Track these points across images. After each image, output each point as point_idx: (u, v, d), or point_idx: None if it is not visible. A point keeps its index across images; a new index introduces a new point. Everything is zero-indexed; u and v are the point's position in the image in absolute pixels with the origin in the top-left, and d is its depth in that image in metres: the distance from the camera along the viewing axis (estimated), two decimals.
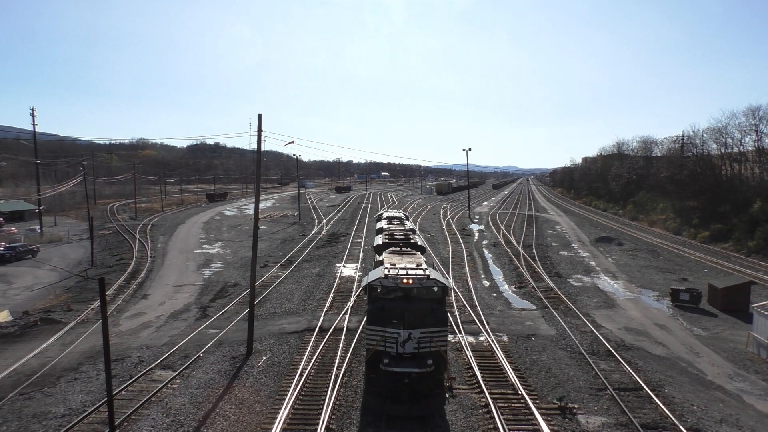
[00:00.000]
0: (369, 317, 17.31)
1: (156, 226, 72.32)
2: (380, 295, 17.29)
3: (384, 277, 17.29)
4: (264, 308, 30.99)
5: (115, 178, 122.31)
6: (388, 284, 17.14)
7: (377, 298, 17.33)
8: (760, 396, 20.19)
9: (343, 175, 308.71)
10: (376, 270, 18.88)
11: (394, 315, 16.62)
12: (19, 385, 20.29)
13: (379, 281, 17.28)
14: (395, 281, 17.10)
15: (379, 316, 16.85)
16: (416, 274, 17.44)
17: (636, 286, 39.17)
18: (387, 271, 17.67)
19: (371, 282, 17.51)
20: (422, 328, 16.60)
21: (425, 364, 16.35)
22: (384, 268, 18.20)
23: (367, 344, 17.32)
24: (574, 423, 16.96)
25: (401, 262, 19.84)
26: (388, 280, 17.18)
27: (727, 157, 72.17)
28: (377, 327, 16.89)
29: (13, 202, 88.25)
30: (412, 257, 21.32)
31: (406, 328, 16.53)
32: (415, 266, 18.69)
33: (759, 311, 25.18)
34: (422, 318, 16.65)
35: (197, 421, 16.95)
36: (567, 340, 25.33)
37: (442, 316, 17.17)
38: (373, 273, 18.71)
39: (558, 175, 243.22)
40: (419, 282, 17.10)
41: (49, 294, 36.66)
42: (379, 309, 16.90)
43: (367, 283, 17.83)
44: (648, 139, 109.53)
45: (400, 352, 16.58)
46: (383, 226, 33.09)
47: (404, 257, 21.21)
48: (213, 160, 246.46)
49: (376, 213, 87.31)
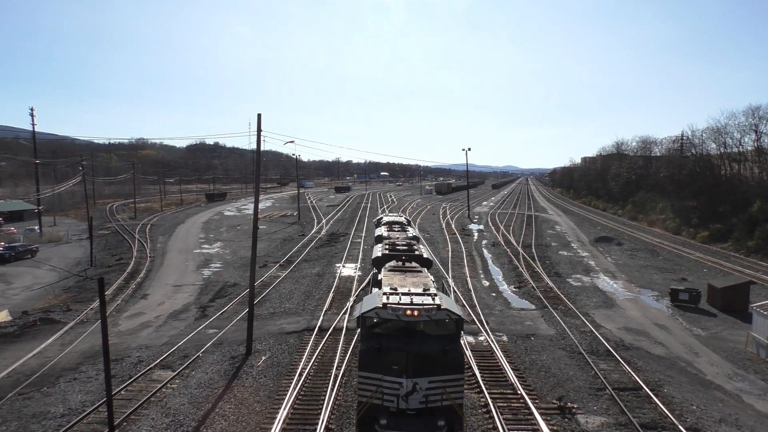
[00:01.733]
0: (362, 360, 13.75)
1: (155, 226, 72.29)
2: (377, 330, 14.01)
3: (382, 306, 13.78)
4: (263, 308, 30.99)
5: (114, 178, 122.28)
6: (387, 316, 13.69)
7: (373, 334, 13.96)
8: (760, 396, 20.21)
9: (342, 175, 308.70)
10: (372, 296, 15.36)
11: (394, 358, 13.24)
12: (18, 385, 20.28)
13: (376, 312, 13.76)
14: (396, 312, 13.62)
15: (375, 359, 13.38)
16: (423, 303, 14.00)
17: (635, 286, 39.20)
18: (386, 298, 14.30)
19: (365, 313, 13.92)
20: (431, 376, 13.18)
21: (435, 425, 12.94)
22: (382, 293, 14.82)
23: (359, 396, 13.73)
24: (574, 423, 16.97)
25: (404, 283, 16.66)
26: (387, 310, 13.68)
27: (726, 157, 72.26)
28: (372, 374, 13.36)
29: (12, 202, 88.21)
30: (417, 276, 18.00)
31: (410, 376, 13.12)
32: (422, 290, 15.21)
33: (758, 311, 25.20)
34: (431, 362, 13.25)
35: (197, 421, 16.94)
36: (566, 339, 25.34)
37: (458, 360, 13.60)
38: (367, 300, 15.16)
39: (557, 175, 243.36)
40: (427, 313, 13.65)
41: (48, 294, 36.63)
42: (374, 350, 13.45)
43: (360, 314, 14.07)
44: (647, 139, 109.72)
45: (402, 407, 13.17)
46: (382, 234, 29.09)
47: (407, 276, 17.86)
48: (212, 159, 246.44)
49: (375, 213, 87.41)
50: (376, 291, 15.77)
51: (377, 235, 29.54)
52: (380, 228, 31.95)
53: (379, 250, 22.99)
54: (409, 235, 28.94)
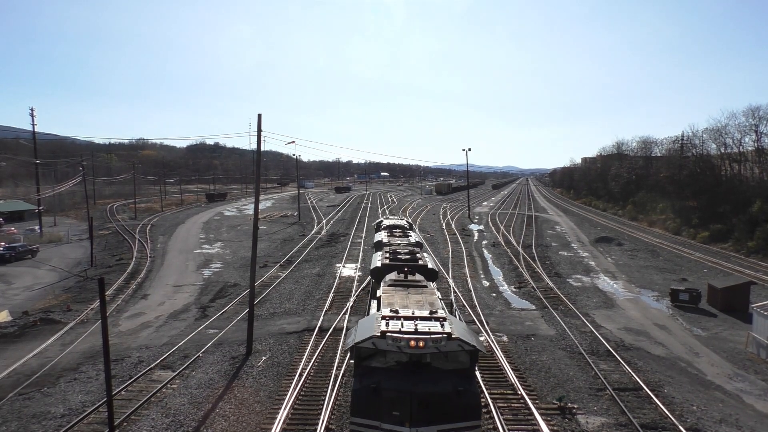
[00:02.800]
0: (355, 403, 11.61)
1: (155, 226, 72.30)
2: (374, 363, 11.78)
3: (380, 335, 11.54)
4: (264, 308, 30.99)
5: (114, 178, 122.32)
6: (386, 347, 11.51)
7: (369, 369, 11.76)
8: (760, 396, 20.20)
9: (342, 175, 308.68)
10: (368, 320, 13.10)
11: (394, 401, 10.96)
12: (18, 385, 20.28)
13: (373, 342, 11.57)
14: (397, 343, 11.41)
15: (371, 401, 11.18)
16: (430, 331, 11.76)
17: (635, 286, 39.18)
18: (385, 324, 12.14)
19: (360, 343, 11.71)
20: (440, 424, 10.91)
21: None
22: (380, 317, 12.69)
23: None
24: (574, 423, 16.96)
25: (406, 302, 14.53)
26: (386, 340, 11.47)
27: (726, 157, 72.24)
28: (367, 421, 11.21)
29: (12, 202, 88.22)
30: (422, 292, 15.71)
31: (414, 425, 10.86)
32: (428, 313, 13.00)
33: (758, 311, 25.19)
34: (441, 406, 10.93)
35: (197, 421, 16.94)
36: (566, 340, 25.33)
37: (473, 403, 11.35)
38: (363, 324, 12.89)
39: (558, 176, 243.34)
40: (435, 344, 11.38)
41: (48, 294, 36.64)
42: (370, 390, 11.25)
43: (353, 344, 11.88)
44: (648, 140, 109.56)
45: None
46: (382, 239, 26.91)
47: (411, 293, 15.70)
48: (213, 160, 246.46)
49: (375, 213, 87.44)
50: (374, 313, 13.62)
51: (377, 241, 27.41)
52: (380, 233, 29.96)
53: (378, 260, 20.80)
54: (411, 240, 26.99)
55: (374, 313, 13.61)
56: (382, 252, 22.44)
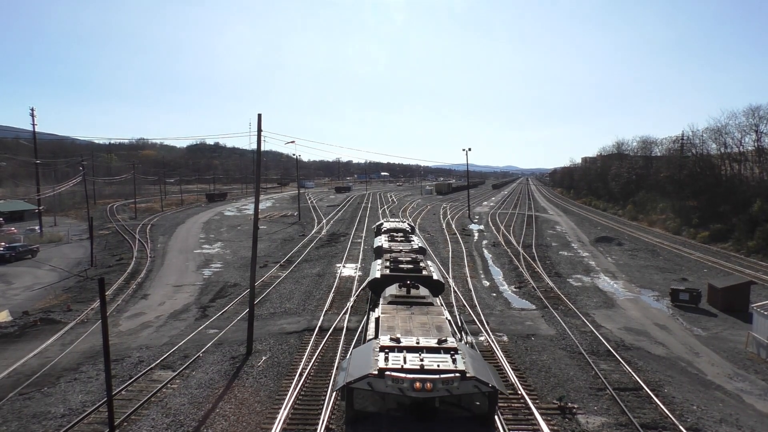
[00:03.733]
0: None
1: (156, 226, 72.31)
2: (370, 408, 9.63)
3: (377, 373, 9.36)
4: (264, 308, 30.99)
5: (114, 178, 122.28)
6: (385, 389, 9.31)
7: (363, 414, 9.64)
8: (760, 396, 20.20)
9: (342, 175, 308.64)
10: (364, 351, 10.81)
11: None
12: (18, 385, 20.28)
13: (369, 382, 9.36)
14: (399, 385, 9.24)
15: None
16: (440, 369, 9.52)
17: (636, 286, 39.18)
18: (383, 358, 9.89)
19: (353, 383, 9.44)
20: None
21: None
22: (378, 348, 10.45)
23: None
24: (574, 423, 16.96)
25: (409, 325, 12.31)
26: (386, 381, 9.29)
27: (726, 157, 72.21)
28: None
29: (12, 202, 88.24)
30: (427, 312, 13.41)
31: None
32: (436, 343, 10.70)
33: (759, 311, 25.19)
34: None
35: (197, 421, 16.94)
36: (567, 340, 25.33)
37: None
38: (357, 357, 10.57)
39: (558, 175, 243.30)
40: (446, 386, 9.22)
41: (48, 294, 36.64)
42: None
43: (345, 384, 9.54)
44: (648, 139, 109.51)
45: None
46: (383, 244, 24.80)
47: (415, 313, 13.35)
48: (213, 160, 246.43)
49: (375, 213, 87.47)
50: (370, 342, 11.34)
51: (376, 246, 25.29)
52: (380, 237, 27.98)
53: (378, 270, 18.55)
54: (414, 246, 25.03)
55: (371, 341, 11.35)
56: (381, 260, 20.37)
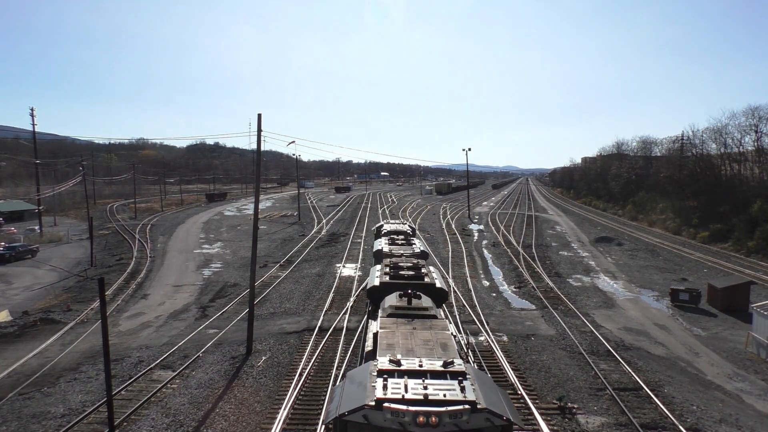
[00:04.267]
0: None
1: (155, 226, 72.30)
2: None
3: (374, 404, 8.24)
4: (264, 308, 30.99)
5: (114, 178, 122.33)
6: (383, 423, 8.17)
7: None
8: (760, 396, 20.20)
9: (342, 175, 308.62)
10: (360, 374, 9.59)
11: None
12: (18, 385, 20.28)
13: (364, 414, 8.21)
14: (399, 418, 8.12)
15: None
16: (446, 399, 8.36)
17: (635, 286, 39.19)
18: (382, 385, 8.74)
19: (346, 415, 8.30)
20: None
21: None
22: (375, 372, 9.27)
23: None
24: (574, 423, 16.96)
25: (411, 342, 11.18)
26: (384, 413, 8.17)
27: (726, 157, 72.24)
28: None
29: (12, 202, 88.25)
30: (431, 326, 12.26)
31: None
32: (441, 365, 9.51)
33: (758, 311, 25.19)
34: None
35: (197, 421, 16.94)
36: (566, 340, 25.33)
37: None
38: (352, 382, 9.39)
39: (557, 175, 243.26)
40: (454, 420, 8.06)
41: (48, 294, 36.64)
42: None
43: (337, 415, 8.36)
44: (647, 139, 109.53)
45: None
46: (382, 248, 23.78)
47: (417, 327, 12.22)
48: (212, 160, 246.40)
49: (375, 213, 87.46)
50: (368, 364, 9.92)
51: (376, 250, 24.50)
52: (380, 240, 27.10)
53: (376, 277, 17.57)
54: (415, 250, 23.98)
55: (368, 363, 10.05)
56: (381, 266, 19.30)
